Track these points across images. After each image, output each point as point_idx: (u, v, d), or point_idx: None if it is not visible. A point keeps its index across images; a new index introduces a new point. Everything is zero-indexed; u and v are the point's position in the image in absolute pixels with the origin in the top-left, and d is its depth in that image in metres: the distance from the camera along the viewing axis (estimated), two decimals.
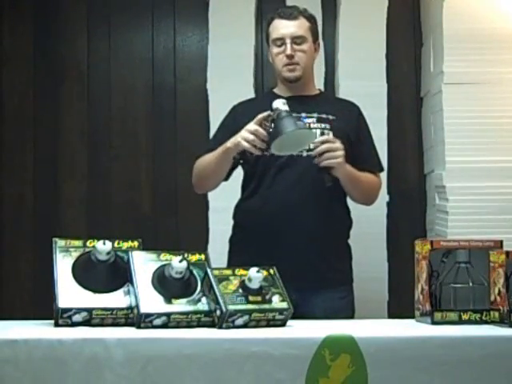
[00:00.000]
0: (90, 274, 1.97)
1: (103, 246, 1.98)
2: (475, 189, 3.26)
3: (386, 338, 1.83)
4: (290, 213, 2.60)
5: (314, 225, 2.61)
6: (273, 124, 2.44)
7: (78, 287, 1.94)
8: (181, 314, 1.91)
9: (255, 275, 1.95)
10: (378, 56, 3.55)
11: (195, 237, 3.52)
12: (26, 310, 3.59)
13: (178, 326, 1.90)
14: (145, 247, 2.07)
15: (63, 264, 1.98)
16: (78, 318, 1.90)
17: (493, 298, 1.98)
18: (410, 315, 2.13)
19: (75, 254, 2.00)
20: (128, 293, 1.96)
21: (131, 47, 3.86)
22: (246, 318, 1.91)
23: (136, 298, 1.91)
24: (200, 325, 1.92)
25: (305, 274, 2.58)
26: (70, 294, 1.92)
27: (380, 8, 3.56)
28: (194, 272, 2.00)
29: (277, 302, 1.97)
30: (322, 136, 2.58)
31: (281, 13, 2.72)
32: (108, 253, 1.98)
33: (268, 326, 1.94)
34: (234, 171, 2.72)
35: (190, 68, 3.81)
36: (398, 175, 3.64)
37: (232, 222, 2.78)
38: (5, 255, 3.75)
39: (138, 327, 1.88)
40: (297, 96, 2.72)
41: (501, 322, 1.95)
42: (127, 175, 3.78)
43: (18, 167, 3.80)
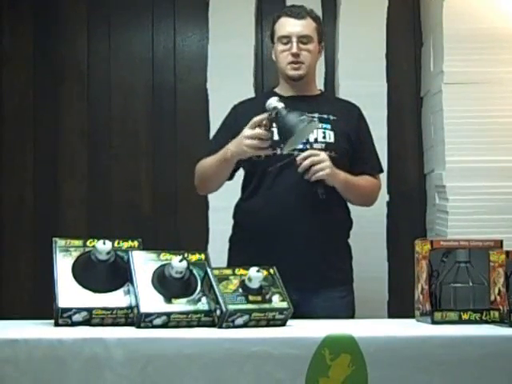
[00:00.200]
0: (90, 273, 1.97)
1: (103, 246, 1.98)
2: (475, 188, 3.26)
3: (386, 337, 1.82)
4: (290, 213, 2.60)
5: (314, 225, 2.61)
6: (274, 124, 2.43)
7: (78, 287, 1.94)
8: (181, 313, 1.91)
9: (255, 275, 1.95)
10: (378, 56, 3.55)
11: (195, 236, 3.52)
12: (26, 309, 3.58)
13: (177, 325, 1.90)
14: (145, 247, 2.07)
15: (63, 264, 1.97)
16: (77, 317, 1.90)
17: (493, 298, 1.98)
18: (410, 315, 2.13)
19: (75, 254, 2.00)
20: (128, 292, 1.96)
21: (131, 47, 3.86)
22: (245, 317, 1.91)
23: (136, 297, 1.91)
24: (200, 324, 1.92)
25: (305, 274, 2.58)
26: (69, 293, 1.92)
27: (380, 8, 3.56)
28: (194, 272, 2.00)
29: (277, 301, 1.97)
30: (305, 152, 2.53)
31: (288, 11, 2.72)
32: (108, 252, 1.98)
33: (268, 325, 1.94)
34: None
35: (189, 68, 3.81)
36: (398, 175, 3.64)
37: (232, 222, 2.78)
38: (5, 255, 3.76)
39: (138, 327, 1.88)
40: (298, 96, 2.72)
41: (501, 321, 1.95)
42: (127, 175, 3.78)
43: (18, 167, 3.80)
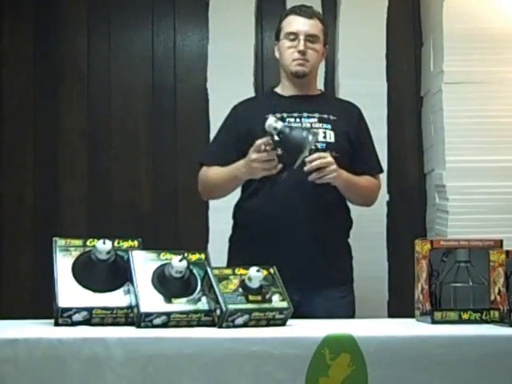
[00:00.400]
0: (90, 273, 1.97)
1: (103, 246, 1.98)
2: (475, 188, 3.26)
3: (386, 337, 1.82)
4: (291, 213, 2.60)
5: (315, 224, 2.61)
6: (279, 142, 2.42)
7: (78, 286, 1.94)
8: (181, 313, 1.91)
9: (255, 274, 1.95)
10: (378, 55, 3.55)
11: (195, 236, 3.51)
12: (26, 309, 3.58)
13: (178, 325, 1.90)
14: (145, 246, 2.07)
15: (63, 263, 1.97)
16: (78, 317, 1.90)
17: (493, 298, 1.98)
18: (410, 314, 2.13)
19: (75, 254, 2.00)
20: (128, 292, 1.96)
21: (131, 47, 3.86)
22: (245, 317, 1.91)
23: (136, 297, 1.91)
24: (200, 324, 1.92)
25: (305, 274, 2.58)
26: (70, 293, 1.92)
27: (380, 8, 3.56)
28: (194, 271, 2.00)
29: (277, 301, 1.97)
30: (314, 153, 2.52)
31: (297, 10, 2.73)
32: (108, 252, 1.98)
33: (268, 325, 1.94)
34: None
35: (189, 67, 3.81)
36: (398, 174, 3.64)
37: (232, 222, 2.78)
38: (5, 255, 3.75)
39: (138, 326, 1.88)
40: (299, 95, 2.73)
41: (501, 321, 1.95)
42: (127, 175, 3.78)
43: (18, 167, 3.80)
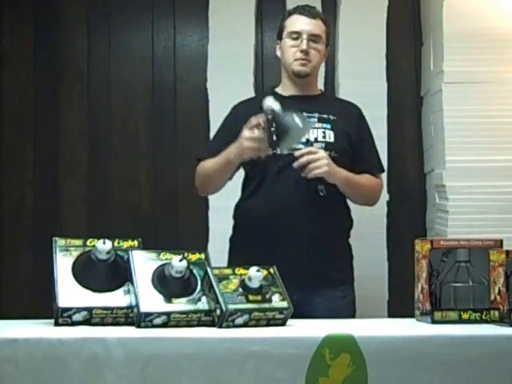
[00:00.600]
0: (90, 273, 1.97)
1: (103, 246, 1.97)
2: (475, 188, 3.26)
3: (386, 337, 1.82)
4: (291, 212, 2.60)
5: (315, 224, 2.61)
6: (273, 123, 2.43)
7: (78, 286, 1.94)
8: (181, 313, 1.91)
9: (255, 274, 1.95)
10: (378, 55, 3.55)
11: (195, 236, 3.51)
12: (26, 309, 3.58)
13: (178, 325, 1.90)
14: (145, 246, 2.07)
15: (63, 263, 1.97)
16: (78, 317, 1.90)
17: (493, 298, 1.98)
18: (410, 314, 2.13)
19: (75, 254, 2.00)
20: (128, 292, 1.96)
21: (131, 47, 3.86)
22: (246, 317, 1.91)
23: (136, 297, 1.91)
24: (200, 324, 1.92)
25: (306, 274, 2.58)
26: (70, 293, 1.92)
27: (380, 7, 3.56)
28: (194, 271, 2.00)
29: (277, 301, 1.97)
30: (303, 149, 2.53)
31: (301, 9, 2.73)
32: (108, 252, 1.98)
33: (268, 325, 1.94)
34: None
35: (189, 67, 3.81)
36: (398, 174, 3.64)
37: (232, 222, 2.78)
38: (5, 255, 3.75)
39: (138, 326, 1.88)
40: (299, 95, 2.73)
41: (501, 321, 1.95)
42: (127, 175, 3.78)
43: (18, 167, 3.80)
